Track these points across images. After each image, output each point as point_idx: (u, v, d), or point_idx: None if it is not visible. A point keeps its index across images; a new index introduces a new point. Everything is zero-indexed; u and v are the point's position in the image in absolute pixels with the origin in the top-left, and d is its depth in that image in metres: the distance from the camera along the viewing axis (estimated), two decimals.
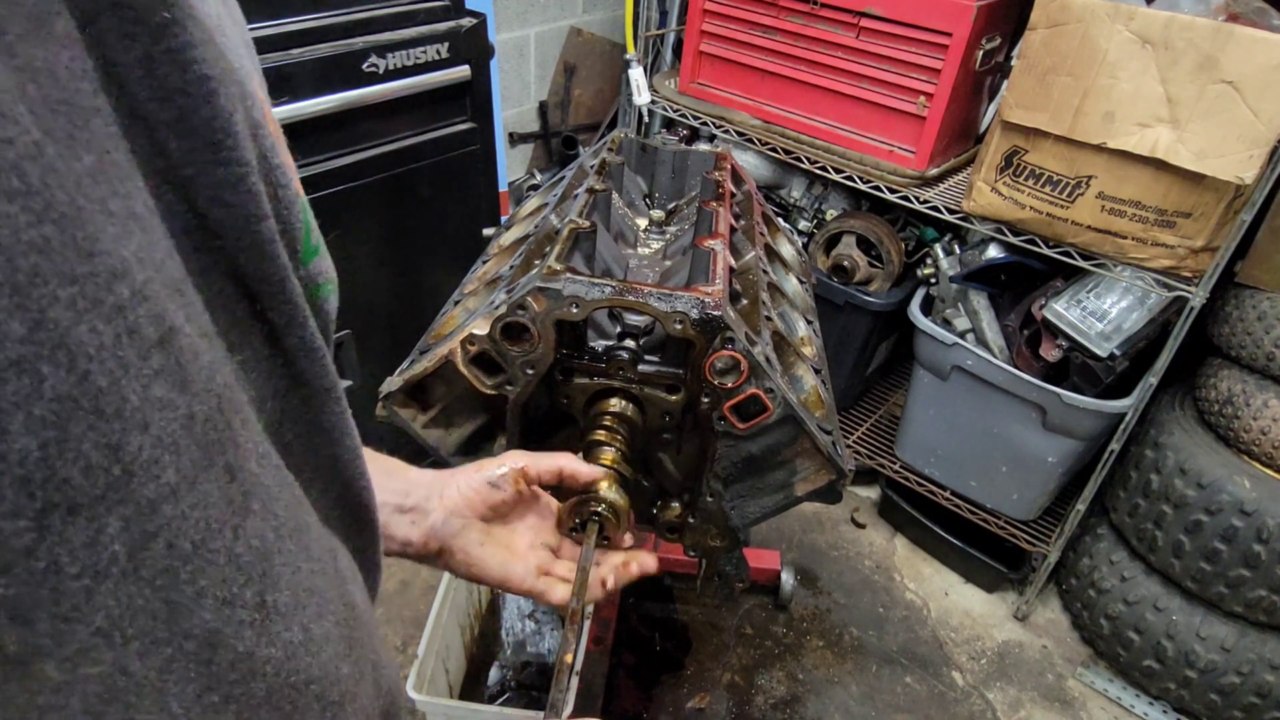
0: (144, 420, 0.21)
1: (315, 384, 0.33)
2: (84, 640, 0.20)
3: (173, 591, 0.23)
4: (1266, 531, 1.58)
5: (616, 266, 1.05)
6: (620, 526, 0.74)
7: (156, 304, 0.22)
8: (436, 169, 1.75)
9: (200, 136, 0.25)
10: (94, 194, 0.20)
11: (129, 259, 0.21)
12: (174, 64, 0.24)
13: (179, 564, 0.23)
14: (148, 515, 0.22)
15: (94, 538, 0.20)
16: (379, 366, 1.84)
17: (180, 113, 0.24)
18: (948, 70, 1.71)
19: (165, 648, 0.23)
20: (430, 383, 0.88)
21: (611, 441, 0.81)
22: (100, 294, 0.20)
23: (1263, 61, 1.33)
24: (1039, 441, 1.89)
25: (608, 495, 0.74)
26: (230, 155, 0.26)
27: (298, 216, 0.33)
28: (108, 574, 0.21)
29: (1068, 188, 1.61)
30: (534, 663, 1.85)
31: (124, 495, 0.21)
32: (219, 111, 0.25)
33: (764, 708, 1.84)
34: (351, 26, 1.49)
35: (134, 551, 0.21)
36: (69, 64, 0.20)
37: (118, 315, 0.20)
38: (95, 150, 0.21)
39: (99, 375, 0.19)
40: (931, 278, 2.06)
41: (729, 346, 0.78)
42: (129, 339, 0.20)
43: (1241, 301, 1.65)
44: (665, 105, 2.22)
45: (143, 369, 0.21)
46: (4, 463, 0.18)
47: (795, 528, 2.30)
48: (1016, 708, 1.89)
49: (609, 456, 0.78)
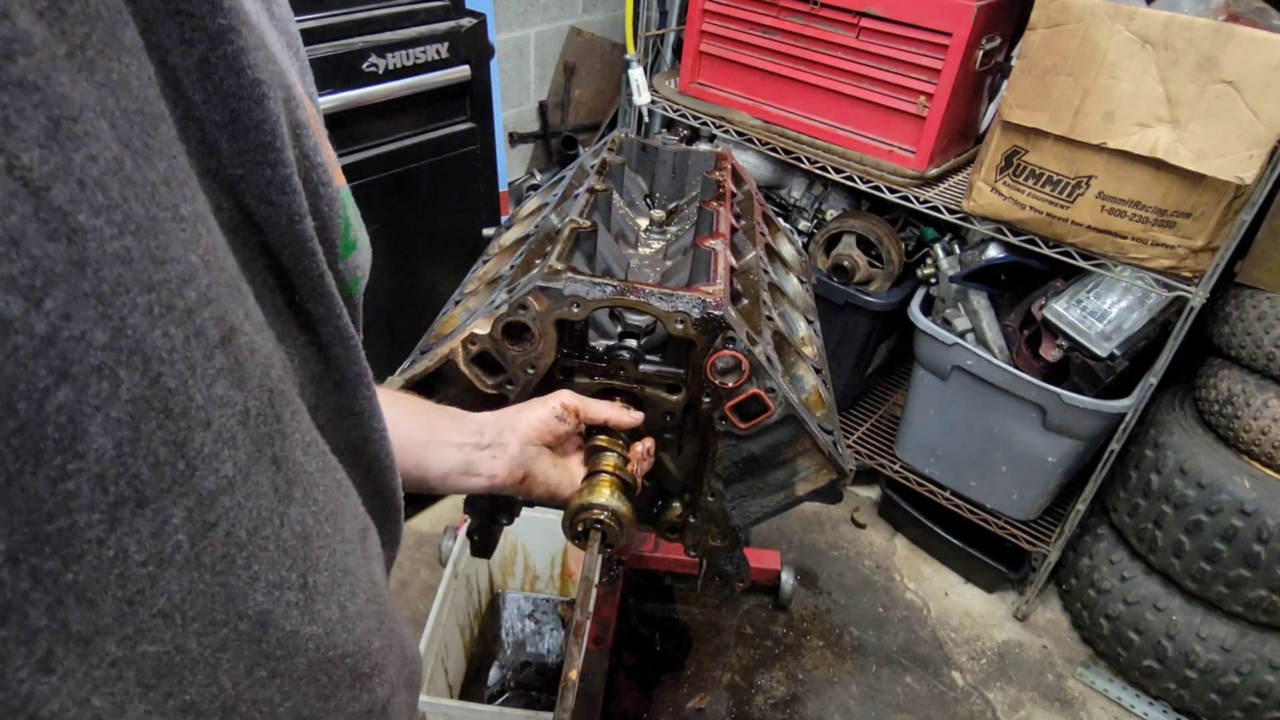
0: (207, 417, 0.22)
1: (348, 371, 0.35)
2: (145, 621, 0.22)
3: (230, 576, 0.24)
4: (1266, 531, 1.58)
5: (617, 266, 1.05)
6: (623, 534, 0.73)
7: (219, 305, 0.23)
8: (436, 169, 1.75)
9: (251, 138, 0.26)
10: (167, 201, 0.21)
11: (196, 263, 0.22)
12: (229, 68, 0.25)
13: (235, 550, 0.24)
14: (208, 506, 0.23)
15: (160, 528, 0.21)
16: (379, 366, 1.83)
17: (233, 115, 0.25)
18: (948, 70, 1.71)
19: (223, 628, 0.25)
20: (431, 382, 0.88)
21: (613, 447, 0.78)
22: (173, 299, 0.21)
23: (1263, 61, 1.33)
24: (1039, 441, 1.89)
25: (610, 502, 0.72)
26: (277, 156, 0.27)
27: (337, 213, 0.34)
28: (171, 561, 0.22)
29: (1068, 188, 1.61)
30: (534, 663, 1.85)
31: (188, 488, 0.22)
32: (269, 114, 0.26)
33: (764, 708, 1.84)
34: (351, 26, 1.49)
35: (195, 540, 0.23)
36: (138, 73, 0.21)
37: (187, 319, 0.21)
38: (166, 156, 0.22)
39: (169, 377, 0.21)
40: (931, 278, 2.06)
41: (730, 346, 0.78)
42: (196, 341, 0.22)
43: (1241, 301, 1.65)
44: (665, 105, 2.22)
45: (207, 369, 0.22)
46: (82, 461, 0.19)
47: (795, 528, 2.30)
48: (1016, 708, 1.89)
49: (610, 463, 0.76)
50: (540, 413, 0.75)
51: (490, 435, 0.71)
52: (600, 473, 0.75)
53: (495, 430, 0.72)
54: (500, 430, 0.72)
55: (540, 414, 0.75)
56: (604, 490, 0.73)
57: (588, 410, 0.77)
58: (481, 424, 0.72)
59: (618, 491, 0.73)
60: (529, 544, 1.90)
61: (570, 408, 0.76)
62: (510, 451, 0.71)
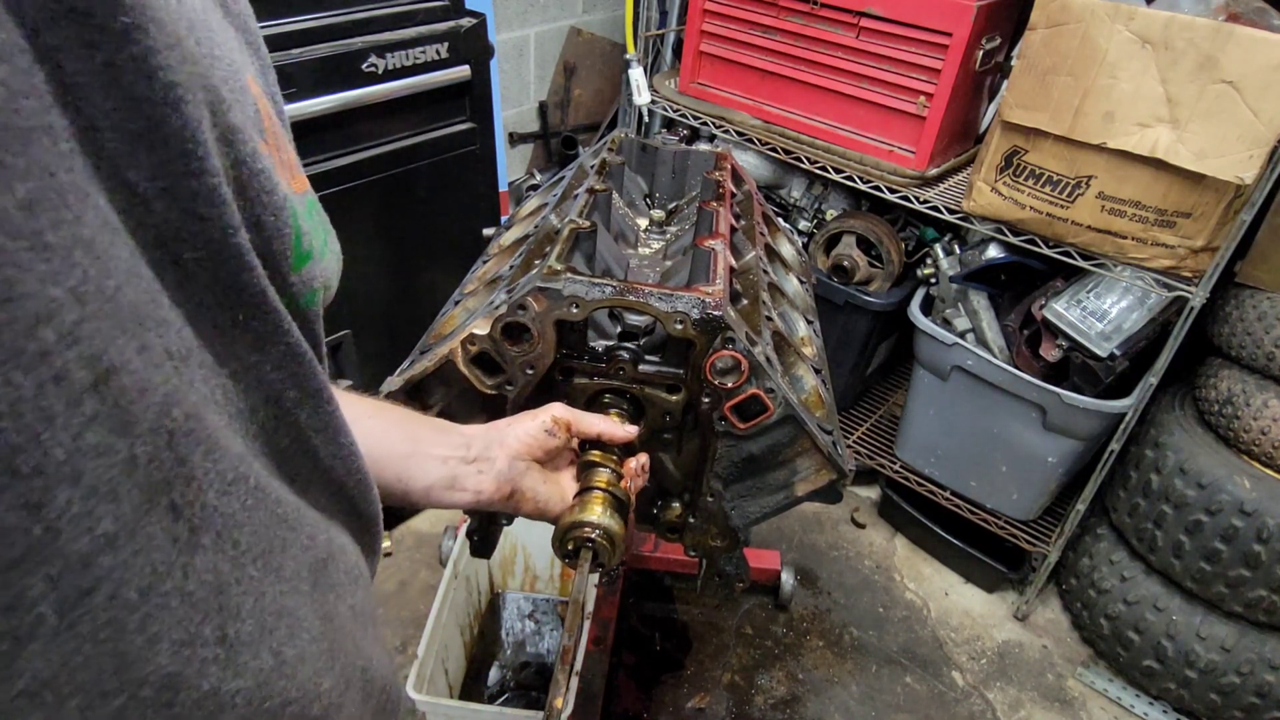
0: (74, 471, 0.20)
1: (306, 387, 0.33)
2: (3, 705, 0.20)
3: (120, 642, 0.22)
4: (1266, 531, 1.58)
5: (617, 266, 1.05)
6: (615, 554, 0.69)
7: (93, 343, 0.20)
8: (436, 169, 1.75)
9: (172, 147, 0.24)
10: (24, 229, 0.19)
11: (60, 298, 0.20)
12: (139, 72, 0.23)
13: (125, 613, 0.22)
14: (81, 570, 0.20)
15: (13, 602, 0.19)
16: (379, 366, 1.84)
17: (150, 123, 0.23)
18: (948, 70, 1.71)
19: (116, 698, 0.22)
20: (430, 383, 0.88)
21: (606, 463, 0.75)
22: (19, 342, 0.18)
23: (1263, 61, 1.33)
24: (1039, 441, 1.89)
25: (602, 520, 0.69)
26: (202, 166, 0.25)
27: (286, 223, 0.32)
28: (33, 635, 0.20)
29: (1068, 188, 1.61)
30: (533, 663, 1.85)
31: (49, 554, 0.20)
32: (188, 120, 0.24)
33: (764, 708, 1.84)
34: (351, 26, 1.49)
35: (66, 609, 0.20)
36: (5, 82, 0.19)
37: (40, 363, 0.19)
38: (34, 177, 0.19)
39: (13, 432, 0.18)
40: (931, 278, 2.06)
41: (730, 346, 0.78)
42: (55, 387, 0.19)
43: (1241, 301, 1.65)
44: (665, 105, 2.22)
45: (72, 417, 0.20)
46: None
47: (795, 528, 2.30)
48: (1016, 708, 1.89)
49: (603, 479, 0.73)
50: (530, 426, 0.72)
51: (477, 449, 0.69)
52: (592, 489, 0.72)
53: (483, 444, 0.70)
54: (488, 444, 0.70)
55: (529, 428, 0.72)
56: (596, 507, 0.69)
57: (580, 424, 0.75)
58: (469, 437, 0.69)
59: (610, 509, 0.70)
60: (529, 544, 1.90)
61: (561, 421, 0.74)
62: (498, 467, 0.69)
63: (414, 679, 1.40)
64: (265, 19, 1.38)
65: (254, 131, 0.32)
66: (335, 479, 0.37)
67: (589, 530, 0.68)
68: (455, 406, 0.92)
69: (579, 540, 0.69)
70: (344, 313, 1.72)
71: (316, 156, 1.52)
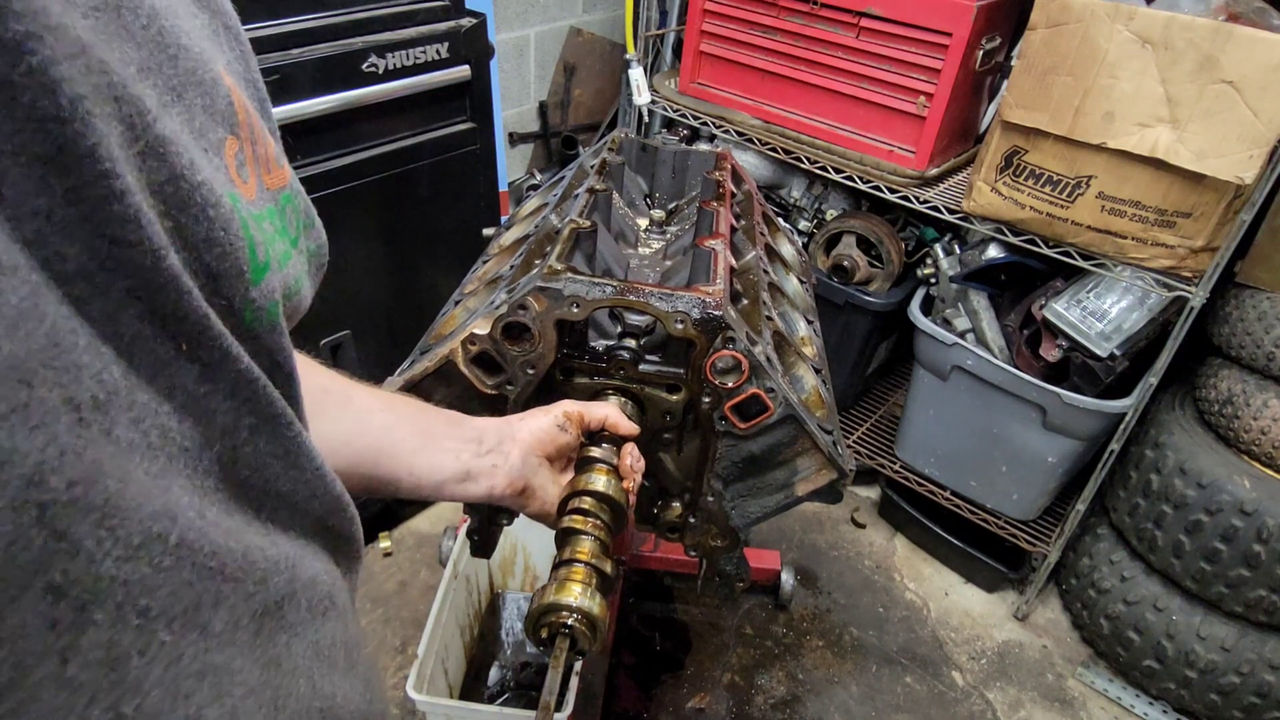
0: None
1: (262, 414, 0.31)
2: None
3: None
4: (1266, 531, 1.58)
5: (617, 266, 1.05)
6: (596, 638, 0.61)
7: None
8: (436, 169, 1.75)
9: (86, 169, 0.22)
10: None
11: None
12: (41, 88, 0.20)
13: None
14: None
15: None
16: (379, 366, 1.84)
17: (58, 146, 0.21)
18: (948, 70, 1.71)
19: None
20: (431, 383, 0.88)
21: (586, 529, 0.67)
22: None
23: (1263, 61, 1.33)
24: (1039, 441, 1.89)
25: (581, 603, 0.61)
26: (121, 186, 0.23)
27: (236, 236, 0.29)
28: None
29: (1068, 188, 1.61)
30: (534, 663, 1.85)
31: None
32: (99, 138, 0.22)
33: (764, 708, 1.83)
34: (351, 26, 1.49)
35: None
36: None
37: None
38: None
39: None
40: (931, 278, 2.06)
41: (730, 346, 0.78)
42: None
43: (1241, 301, 1.65)
44: (665, 105, 2.22)
45: None
46: None
47: (795, 528, 2.30)
48: (1016, 708, 1.89)
49: (584, 549, 0.65)
50: (543, 421, 0.71)
51: (490, 442, 0.68)
52: (573, 562, 0.64)
53: (495, 438, 0.68)
54: (500, 438, 0.69)
55: (543, 423, 0.71)
56: (574, 587, 0.61)
57: (589, 414, 0.75)
58: (481, 430, 0.68)
59: (591, 587, 0.62)
60: (529, 544, 1.90)
61: (574, 416, 0.73)
62: (511, 461, 0.68)
63: (414, 679, 1.40)
64: (265, 19, 1.38)
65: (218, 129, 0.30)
66: (302, 504, 0.36)
67: (566, 615, 0.60)
68: (456, 406, 0.92)
69: (554, 627, 0.60)
70: (344, 313, 1.72)
71: (316, 156, 1.52)
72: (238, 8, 0.36)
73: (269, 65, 1.36)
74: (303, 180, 0.40)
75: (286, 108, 1.41)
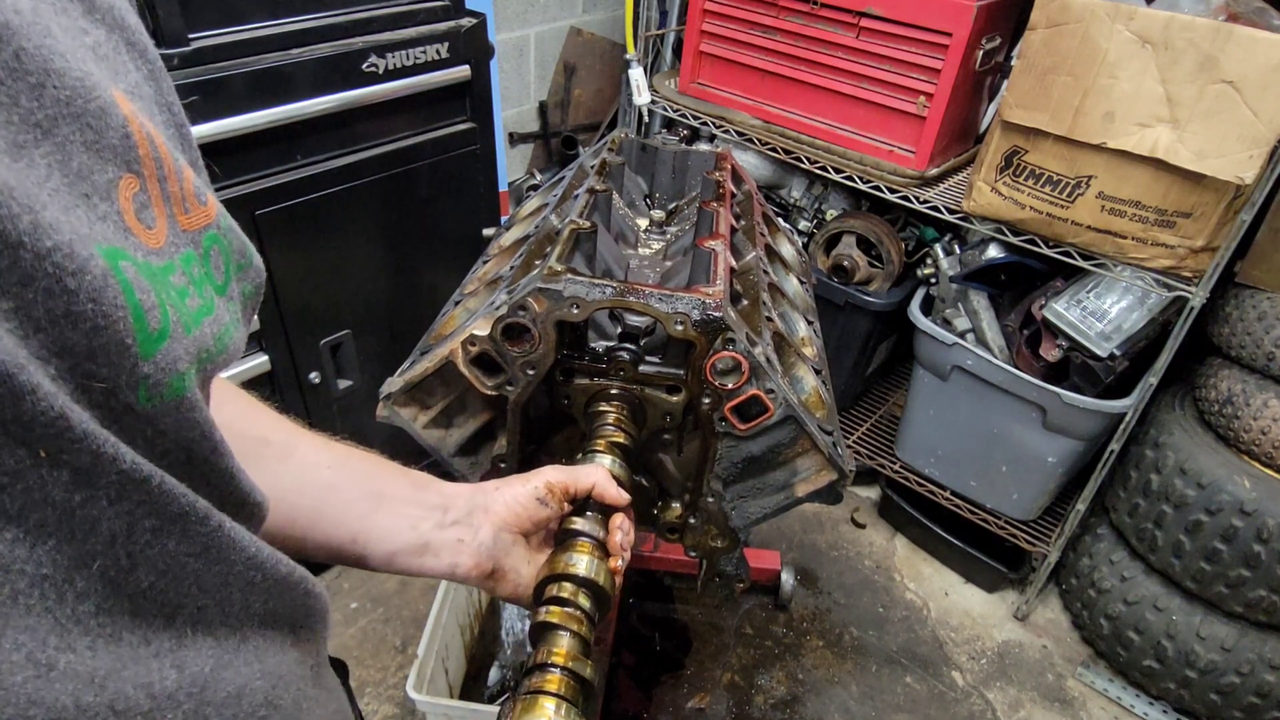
0: None
1: (165, 513, 0.27)
2: None
3: None
4: (1266, 531, 1.58)
5: (617, 267, 1.05)
6: None
7: None
8: (436, 169, 1.75)
9: None
10: None
11: None
12: None
13: None
14: None
15: None
16: (379, 366, 1.85)
17: None
18: (948, 70, 1.71)
19: None
20: (431, 383, 0.88)
21: (565, 624, 0.57)
22: None
23: (1263, 61, 1.33)
24: (1039, 441, 1.89)
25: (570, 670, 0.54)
26: None
27: (115, 304, 0.24)
28: None
29: (1068, 188, 1.61)
30: None
31: None
32: None
33: (764, 708, 1.84)
34: (351, 26, 1.49)
35: None
36: None
37: None
38: None
39: None
40: (931, 278, 2.06)
41: (730, 347, 0.78)
42: None
43: (1241, 301, 1.65)
44: (665, 105, 2.22)
45: None
46: None
47: (795, 528, 2.30)
48: (1016, 708, 1.89)
49: (561, 650, 0.56)
50: (520, 492, 0.62)
51: (457, 512, 0.59)
52: (547, 669, 0.55)
53: (465, 507, 0.60)
54: (470, 509, 0.60)
55: (520, 494, 0.62)
56: (547, 706, 0.52)
57: (576, 483, 0.65)
58: (448, 496, 0.60)
59: (566, 704, 0.52)
60: None
61: (557, 488, 0.63)
62: (480, 537, 0.59)
63: (414, 679, 1.40)
64: (265, 19, 1.38)
65: (107, 168, 0.26)
66: (236, 599, 0.32)
67: (549, 683, 0.53)
68: (456, 407, 0.92)
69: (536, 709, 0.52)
70: (344, 313, 1.72)
71: (316, 156, 1.52)
72: (238, 8, 0.33)
73: (269, 65, 1.36)
74: (303, 180, 0.38)
75: (286, 108, 1.41)
